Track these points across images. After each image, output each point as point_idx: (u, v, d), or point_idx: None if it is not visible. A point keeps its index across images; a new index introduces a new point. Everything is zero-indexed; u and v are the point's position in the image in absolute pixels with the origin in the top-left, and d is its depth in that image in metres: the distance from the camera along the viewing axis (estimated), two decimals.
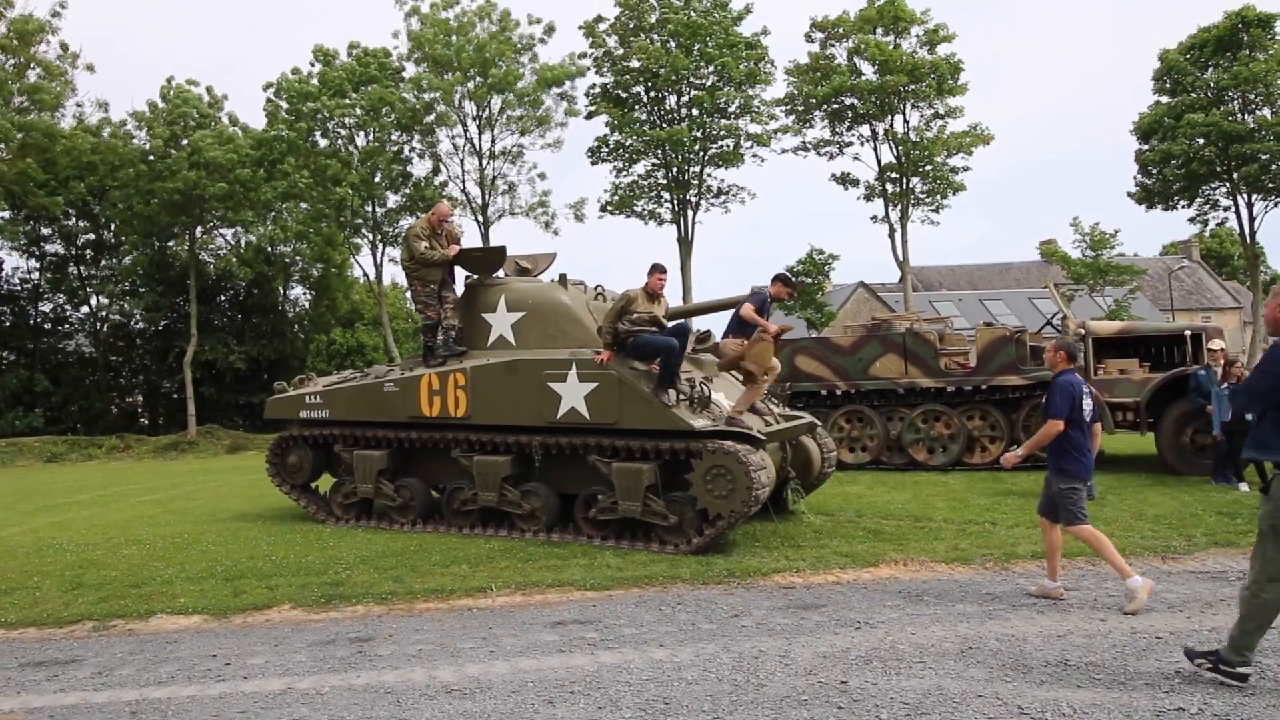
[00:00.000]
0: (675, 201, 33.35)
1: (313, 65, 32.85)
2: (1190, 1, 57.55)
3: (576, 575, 7.77)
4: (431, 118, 32.70)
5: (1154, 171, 35.13)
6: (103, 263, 39.27)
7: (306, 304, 44.12)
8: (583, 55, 33.23)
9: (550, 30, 33.29)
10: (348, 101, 31.77)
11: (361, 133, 33.14)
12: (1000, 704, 4.53)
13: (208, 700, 5.09)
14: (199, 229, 36.00)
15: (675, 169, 32.84)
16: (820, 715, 4.46)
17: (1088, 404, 6.58)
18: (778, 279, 9.28)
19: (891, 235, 33.53)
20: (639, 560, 8.31)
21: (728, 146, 32.87)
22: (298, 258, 40.73)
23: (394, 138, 32.83)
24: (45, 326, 39.12)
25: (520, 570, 8.04)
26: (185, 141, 32.17)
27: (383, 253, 34.74)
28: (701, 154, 32.67)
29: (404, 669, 5.49)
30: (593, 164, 33.80)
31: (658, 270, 9.13)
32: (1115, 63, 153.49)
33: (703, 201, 33.60)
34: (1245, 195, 34.56)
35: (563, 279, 10.31)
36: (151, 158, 32.33)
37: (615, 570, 7.92)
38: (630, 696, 4.84)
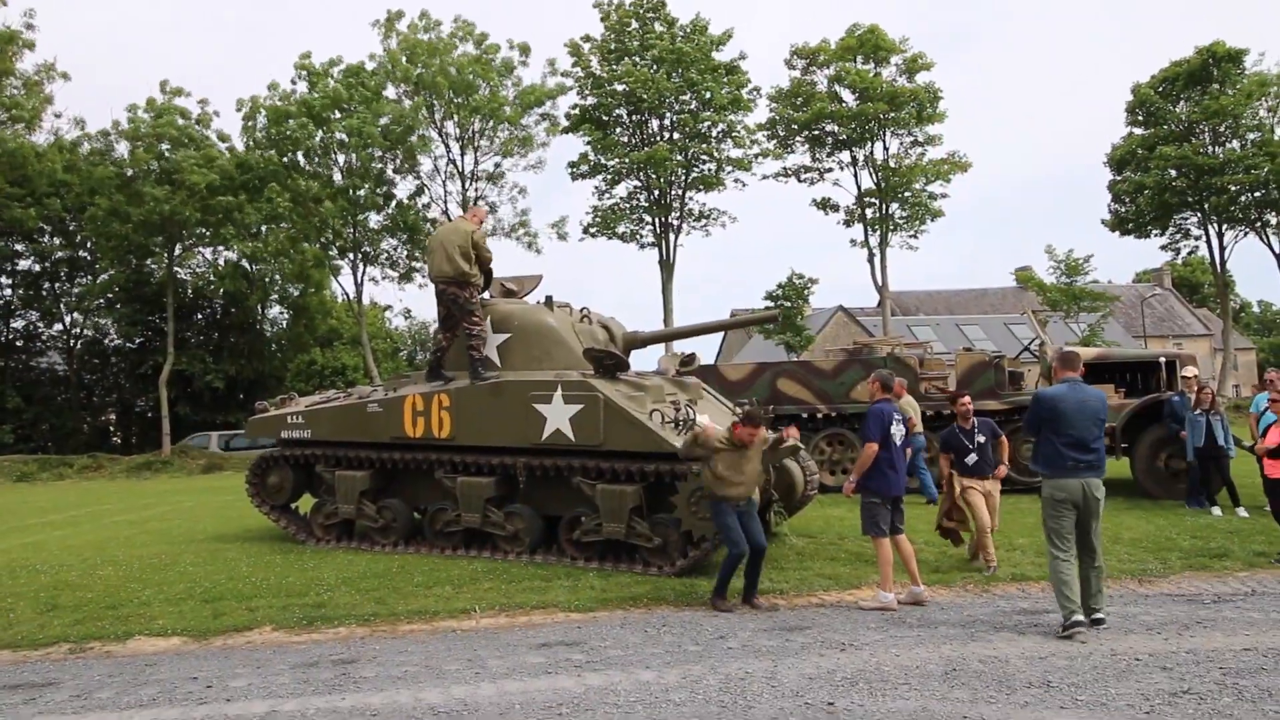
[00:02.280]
0: (657, 224, 33.53)
1: (294, 83, 32.78)
2: (1163, 35, 58.71)
3: (561, 597, 7.76)
4: (413, 139, 32.70)
5: (1127, 201, 35.78)
6: (77, 279, 38.89)
7: (285, 323, 43.86)
8: (565, 74, 33.43)
9: (525, 51, 33.49)
10: (328, 127, 31.59)
11: (343, 153, 33.04)
12: None
13: None
14: (178, 247, 35.69)
15: (657, 191, 33.05)
16: None
17: (897, 429, 7.45)
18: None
19: (870, 260, 33.88)
20: (623, 582, 8.31)
21: (709, 170, 33.13)
22: (276, 276, 40.46)
23: (376, 155, 32.72)
24: (17, 344, 38.66)
25: (504, 592, 8.02)
26: (168, 156, 31.74)
27: (363, 272, 34.62)
28: (683, 177, 32.90)
29: (389, 691, 5.46)
30: (573, 179, 33.95)
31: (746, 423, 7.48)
32: (1090, 93, 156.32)
33: (684, 225, 33.80)
34: (1216, 225, 35.28)
35: (549, 301, 10.35)
36: (130, 173, 31.89)
37: (599, 592, 7.92)
38: (618, 718, 4.84)
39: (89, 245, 36.75)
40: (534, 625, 7.02)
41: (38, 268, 37.96)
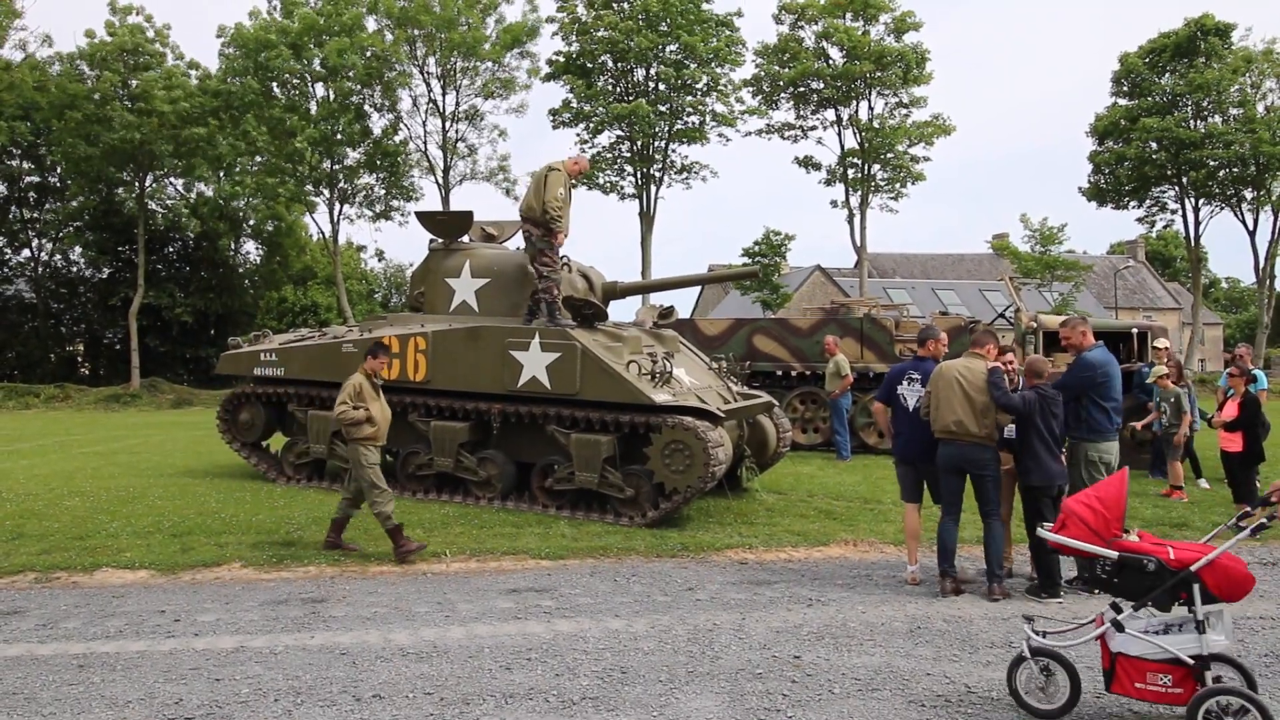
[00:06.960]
0: (638, 175, 33.20)
1: (273, 6, 31.87)
2: (1153, 6, 58.54)
3: (531, 544, 7.79)
4: (392, 74, 31.98)
5: (1107, 171, 35.88)
6: (46, 206, 37.99)
7: (258, 259, 43.22)
8: (550, 19, 32.81)
9: None
10: (306, 57, 30.78)
11: (320, 85, 32.28)
12: (948, 682, 4.66)
13: (158, 656, 5.03)
14: (149, 177, 34.87)
15: (639, 143, 32.67)
16: (774, 688, 4.55)
17: (908, 389, 6.81)
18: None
19: (850, 221, 33.83)
20: (594, 531, 8.36)
21: (693, 124, 32.77)
22: (250, 213, 39.69)
23: (355, 89, 31.96)
24: None
25: (475, 537, 8.04)
26: (135, 83, 30.89)
27: (339, 210, 34.05)
28: (667, 129, 32.53)
29: (358, 631, 5.48)
30: (554, 127, 33.46)
31: None
32: (1075, 64, 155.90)
33: (665, 177, 33.50)
34: (1192, 200, 35.50)
35: None
36: (98, 97, 30.89)
37: (570, 540, 7.96)
38: (588, 665, 4.88)
39: (58, 171, 35.84)
40: (504, 571, 7.05)
41: (5, 191, 37.00)
